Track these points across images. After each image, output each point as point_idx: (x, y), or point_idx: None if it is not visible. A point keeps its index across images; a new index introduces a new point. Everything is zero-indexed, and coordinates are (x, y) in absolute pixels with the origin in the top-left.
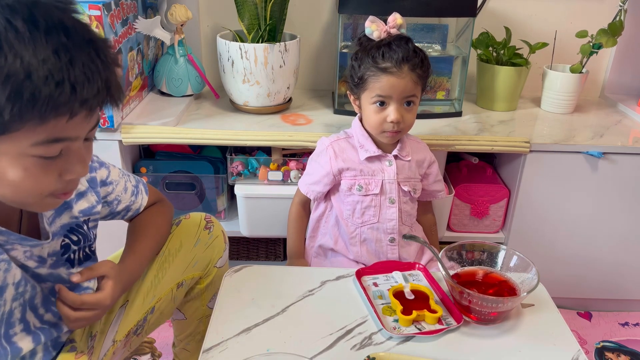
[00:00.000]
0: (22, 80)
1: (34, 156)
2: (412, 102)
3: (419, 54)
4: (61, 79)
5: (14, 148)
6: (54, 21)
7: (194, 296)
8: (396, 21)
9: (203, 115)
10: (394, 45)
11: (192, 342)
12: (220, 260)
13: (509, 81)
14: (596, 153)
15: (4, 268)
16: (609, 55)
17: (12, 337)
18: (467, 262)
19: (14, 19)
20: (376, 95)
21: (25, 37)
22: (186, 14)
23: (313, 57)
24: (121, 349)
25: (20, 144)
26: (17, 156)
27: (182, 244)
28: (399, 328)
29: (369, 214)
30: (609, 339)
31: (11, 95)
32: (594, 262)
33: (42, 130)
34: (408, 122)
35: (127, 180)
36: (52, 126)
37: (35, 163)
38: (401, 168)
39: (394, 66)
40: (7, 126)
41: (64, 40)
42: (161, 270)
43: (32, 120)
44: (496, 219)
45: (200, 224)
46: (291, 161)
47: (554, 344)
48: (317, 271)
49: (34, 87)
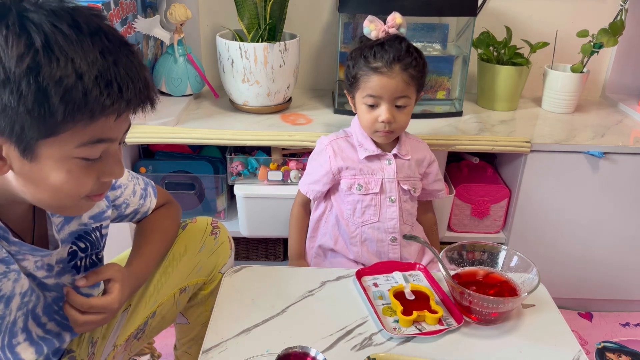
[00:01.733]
0: (74, 81)
1: (78, 158)
2: (404, 102)
3: (412, 53)
4: (109, 80)
5: (59, 150)
6: (94, 26)
7: (198, 302)
8: (395, 20)
9: (202, 115)
10: (387, 45)
11: (195, 347)
12: (225, 266)
13: (509, 81)
14: (597, 153)
15: (14, 278)
16: (610, 55)
17: (15, 347)
18: (468, 262)
19: (60, 24)
20: (367, 96)
21: (73, 40)
22: (186, 13)
23: (313, 57)
24: (121, 353)
25: (66, 146)
26: (62, 159)
27: (187, 249)
28: (399, 328)
29: (370, 213)
30: (609, 339)
31: (64, 96)
32: (595, 263)
33: (89, 131)
34: (400, 123)
35: (135, 184)
36: (99, 127)
37: (78, 165)
38: (401, 167)
39: (385, 66)
40: (58, 127)
41: (106, 43)
42: (165, 274)
43: (82, 121)
44: (497, 219)
45: (207, 229)
46: (291, 161)
47: (555, 344)
48: (317, 271)
49: (85, 88)
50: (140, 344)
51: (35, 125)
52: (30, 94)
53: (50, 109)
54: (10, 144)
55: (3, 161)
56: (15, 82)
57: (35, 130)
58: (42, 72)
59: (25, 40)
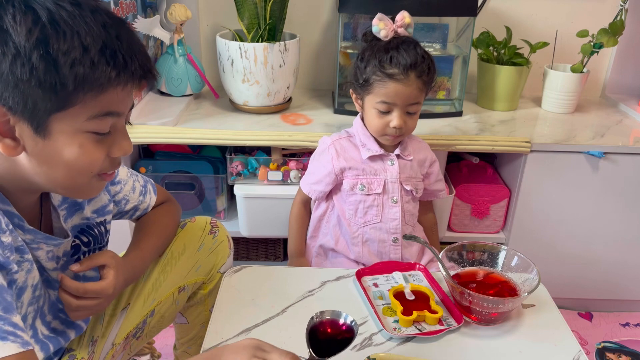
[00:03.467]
0: (81, 53)
1: (88, 132)
2: (415, 108)
3: (426, 60)
4: (114, 51)
5: (71, 124)
6: (93, 4)
7: (197, 301)
8: (404, 20)
9: (202, 115)
10: (402, 49)
11: (194, 346)
12: (224, 266)
13: (509, 81)
14: (597, 153)
15: (27, 269)
16: (610, 55)
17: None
18: (468, 262)
19: (61, 2)
20: (381, 102)
21: (76, 15)
22: (185, 13)
23: (313, 57)
24: (120, 352)
25: (77, 120)
26: (74, 133)
27: (186, 248)
28: (399, 329)
29: (372, 213)
30: (609, 339)
31: (74, 66)
32: (595, 262)
33: (98, 104)
34: (410, 127)
35: (135, 180)
36: (107, 99)
37: (89, 139)
38: (403, 167)
39: (401, 73)
40: (69, 99)
41: (107, 19)
42: (163, 273)
43: (91, 92)
44: (497, 219)
45: (205, 228)
46: (291, 161)
47: (555, 344)
48: (317, 271)
49: (92, 59)
50: (140, 344)
51: (48, 98)
52: (42, 66)
53: (61, 79)
54: (23, 122)
55: (16, 142)
56: (26, 55)
57: (48, 104)
58: (51, 43)
59: (31, 17)
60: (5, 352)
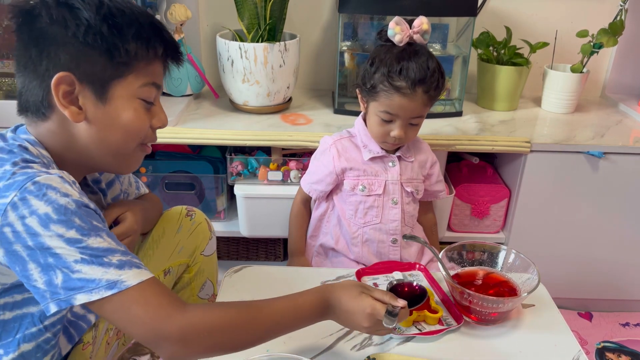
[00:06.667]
0: (138, 26)
1: (140, 99)
2: (418, 121)
3: (435, 74)
4: (159, 29)
5: (127, 90)
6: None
7: (184, 285)
8: (422, 26)
9: (202, 115)
10: (413, 62)
11: None
12: (207, 248)
13: (509, 81)
14: (597, 153)
15: None
16: (610, 55)
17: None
18: (468, 262)
19: None
20: (384, 111)
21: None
22: (186, 13)
23: (313, 57)
24: (115, 339)
25: (132, 86)
26: (129, 98)
27: (165, 231)
28: (399, 328)
29: (372, 214)
30: (609, 339)
31: (134, 37)
32: (594, 262)
33: (148, 74)
34: (410, 137)
35: (130, 175)
36: (152, 71)
37: (141, 105)
38: (404, 169)
39: (408, 87)
40: (128, 67)
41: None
42: (145, 257)
43: (144, 61)
44: (497, 219)
45: (182, 212)
46: (291, 161)
47: (555, 344)
48: (317, 271)
49: (146, 32)
50: None
51: (111, 66)
52: (111, 36)
53: (126, 48)
54: (87, 90)
55: (80, 109)
56: (97, 26)
57: (110, 71)
58: (116, 18)
59: None
60: (144, 275)
